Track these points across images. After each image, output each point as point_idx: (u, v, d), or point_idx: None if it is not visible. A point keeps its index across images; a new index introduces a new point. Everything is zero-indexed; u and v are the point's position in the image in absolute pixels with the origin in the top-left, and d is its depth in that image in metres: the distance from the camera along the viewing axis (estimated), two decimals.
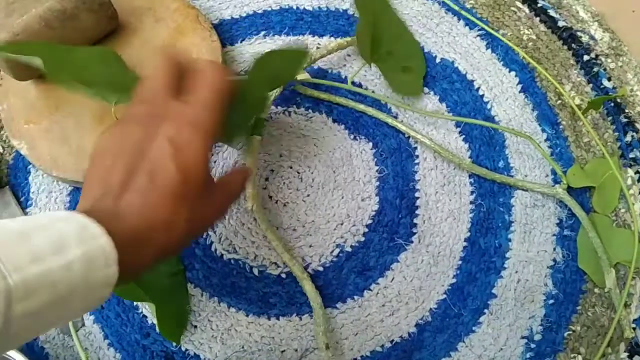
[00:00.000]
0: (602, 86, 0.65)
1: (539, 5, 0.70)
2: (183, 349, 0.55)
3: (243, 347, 0.55)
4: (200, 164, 0.38)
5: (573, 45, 0.67)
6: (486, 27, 0.67)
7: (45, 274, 0.28)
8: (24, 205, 0.61)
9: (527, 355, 0.55)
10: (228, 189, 0.45)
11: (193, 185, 0.38)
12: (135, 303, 0.57)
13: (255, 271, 0.58)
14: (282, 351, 0.55)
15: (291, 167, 0.62)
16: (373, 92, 0.64)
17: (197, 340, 0.56)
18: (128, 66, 0.52)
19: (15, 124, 0.60)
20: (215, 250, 0.59)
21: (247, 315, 0.57)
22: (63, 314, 0.31)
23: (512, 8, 0.70)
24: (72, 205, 0.61)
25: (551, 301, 0.56)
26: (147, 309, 0.57)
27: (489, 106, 0.64)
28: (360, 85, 0.65)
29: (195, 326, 0.56)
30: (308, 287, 0.55)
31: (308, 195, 0.60)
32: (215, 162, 0.62)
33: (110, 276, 0.32)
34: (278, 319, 0.57)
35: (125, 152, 0.37)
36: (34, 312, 0.28)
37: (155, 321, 0.56)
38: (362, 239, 0.59)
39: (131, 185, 0.36)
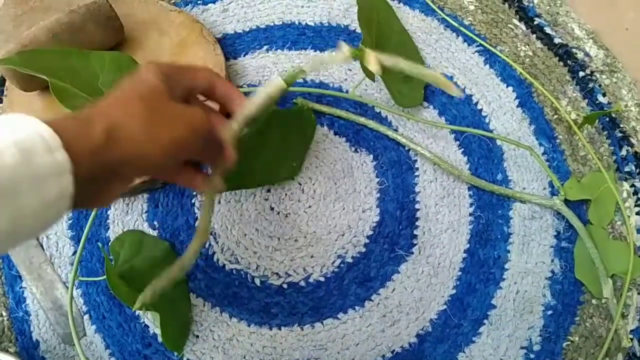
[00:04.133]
0: (597, 101, 0.67)
1: (535, 22, 0.72)
2: (185, 359, 0.56)
3: (245, 357, 0.56)
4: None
5: (569, 61, 0.69)
6: (484, 44, 0.69)
7: None
8: None
9: None
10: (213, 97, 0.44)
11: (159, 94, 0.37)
12: (137, 313, 0.58)
13: (257, 281, 0.58)
14: None
15: (293, 179, 0.62)
16: (376, 99, 0.65)
17: (199, 350, 0.56)
18: None
19: None
20: (218, 260, 0.59)
21: (249, 325, 0.57)
22: (16, 214, 0.28)
23: (510, 25, 0.71)
24: (75, 215, 0.61)
25: (550, 312, 0.57)
26: (148, 319, 0.57)
27: (487, 120, 0.65)
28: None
29: (197, 336, 0.57)
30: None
31: (309, 207, 0.61)
32: None
33: (60, 163, 0.29)
34: (280, 329, 0.57)
35: None
36: None
37: (157, 331, 0.57)
38: (363, 249, 0.60)
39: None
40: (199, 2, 0.72)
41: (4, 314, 0.58)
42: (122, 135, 0.33)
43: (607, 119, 0.66)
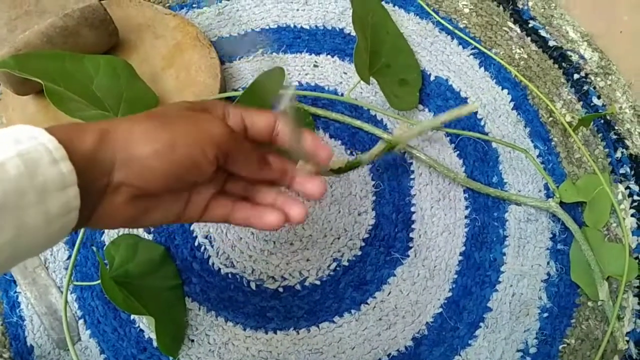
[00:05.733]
0: (592, 104, 0.67)
1: (530, 25, 0.72)
2: None
3: None
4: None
5: (563, 64, 0.69)
6: (479, 46, 0.69)
7: None
8: None
9: None
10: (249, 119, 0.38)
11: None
12: (132, 317, 0.57)
13: (253, 285, 0.58)
14: None
15: None
16: (371, 102, 0.65)
17: (195, 354, 0.56)
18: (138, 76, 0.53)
19: None
20: (213, 264, 0.59)
21: (245, 330, 0.57)
22: (20, 227, 0.27)
23: (504, 28, 0.72)
24: None
25: (546, 314, 0.57)
26: (144, 323, 0.57)
27: (482, 123, 0.65)
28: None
29: (193, 340, 0.56)
30: None
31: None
32: None
33: (65, 174, 0.28)
34: (275, 332, 0.57)
35: None
36: None
37: (152, 335, 0.56)
38: (359, 253, 0.59)
39: None
40: (193, 5, 0.72)
41: None
42: (114, 136, 0.31)
43: (602, 121, 0.66)
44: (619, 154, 0.64)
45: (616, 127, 0.66)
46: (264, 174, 0.39)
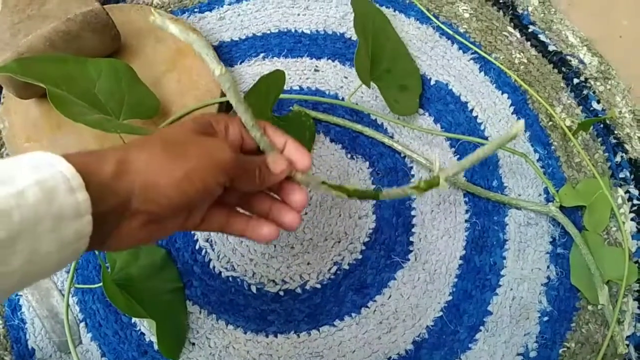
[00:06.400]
0: (591, 108, 0.67)
1: (529, 30, 0.72)
2: None
3: None
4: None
5: (563, 68, 0.70)
6: (479, 51, 0.69)
7: None
8: None
9: None
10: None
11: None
12: (133, 320, 0.57)
13: (253, 289, 0.58)
14: None
15: None
16: (372, 106, 0.66)
17: (195, 357, 0.56)
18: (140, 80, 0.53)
19: (16, 141, 0.61)
20: (214, 267, 0.59)
21: (245, 333, 0.57)
22: (34, 253, 0.27)
23: (504, 33, 0.72)
24: None
25: (546, 318, 0.57)
26: (144, 327, 0.57)
27: (482, 127, 0.66)
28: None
29: (194, 343, 0.56)
30: None
31: (306, 213, 0.61)
32: None
33: (80, 203, 0.29)
34: (276, 336, 0.57)
35: None
36: None
37: (153, 339, 0.57)
38: (360, 256, 0.60)
39: None
40: (195, 10, 0.73)
41: (0, 321, 0.58)
42: (133, 167, 0.32)
43: (602, 126, 0.66)
44: (618, 158, 0.64)
45: (616, 132, 0.66)
46: (262, 187, 0.40)
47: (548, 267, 0.59)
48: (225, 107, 0.64)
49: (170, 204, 0.34)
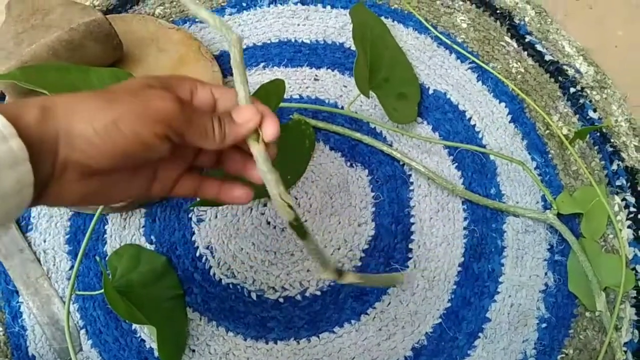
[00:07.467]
0: (588, 117, 0.68)
1: (526, 40, 0.73)
2: None
3: None
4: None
5: (560, 78, 0.70)
6: (477, 61, 0.70)
7: None
8: (24, 229, 0.62)
9: None
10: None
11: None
12: (133, 327, 0.58)
13: (254, 295, 0.59)
14: None
15: (289, 193, 0.63)
16: (371, 115, 0.66)
17: None
18: None
19: None
20: (214, 274, 0.59)
21: (245, 340, 0.57)
22: None
23: (501, 42, 0.73)
24: (73, 230, 0.62)
25: (544, 325, 0.58)
26: (145, 333, 0.57)
27: (480, 135, 0.66)
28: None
29: (194, 350, 0.57)
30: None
31: (306, 221, 0.62)
32: None
33: (15, 151, 0.28)
34: (276, 343, 0.57)
35: None
36: None
37: (153, 345, 0.57)
38: (359, 263, 0.60)
39: None
40: (196, 20, 0.74)
41: (0, 329, 0.58)
42: (58, 110, 0.30)
43: (598, 134, 0.67)
44: (615, 166, 0.65)
45: (612, 140, 0.67)
46: (225, 142, 0.36)
47: (546, 274, 0.60)
48: None
49: (100, 154, 0.31)
